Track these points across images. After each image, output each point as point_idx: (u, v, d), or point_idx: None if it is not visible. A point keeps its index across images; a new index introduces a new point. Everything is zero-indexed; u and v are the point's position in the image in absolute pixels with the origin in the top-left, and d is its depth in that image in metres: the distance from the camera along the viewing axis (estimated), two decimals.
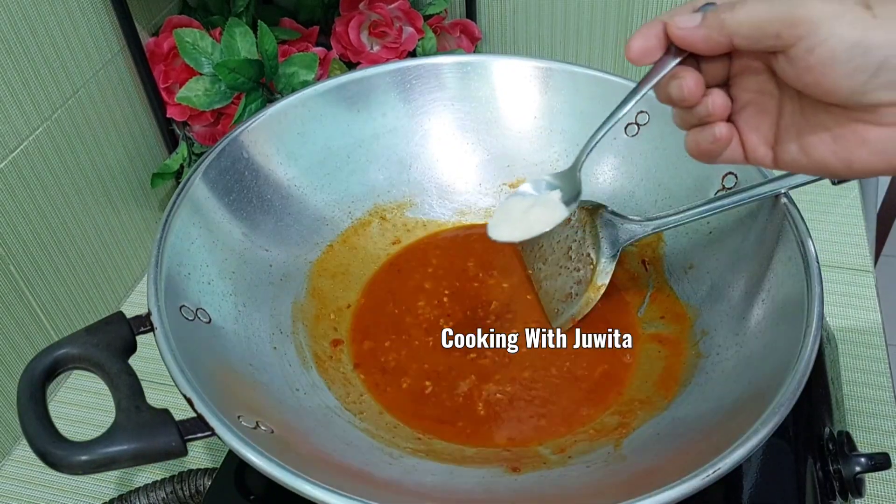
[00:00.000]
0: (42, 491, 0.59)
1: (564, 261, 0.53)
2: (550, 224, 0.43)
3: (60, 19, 0.60)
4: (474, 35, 0.84)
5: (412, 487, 0.42)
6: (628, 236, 0.51)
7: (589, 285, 0.51)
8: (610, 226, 0.52)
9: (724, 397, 0.44)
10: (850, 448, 0.45)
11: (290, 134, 0.57)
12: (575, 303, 0.52)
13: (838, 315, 0.66)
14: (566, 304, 0.52)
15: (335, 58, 0.76)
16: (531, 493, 0.42)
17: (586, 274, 0.51)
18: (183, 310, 0.44)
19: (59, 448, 0.36)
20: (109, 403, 0.38)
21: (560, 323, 0.52)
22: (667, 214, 0.51)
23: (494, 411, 0.49)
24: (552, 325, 0.53)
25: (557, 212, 0.43)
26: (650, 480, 0.36)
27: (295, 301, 0.54)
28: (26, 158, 0.58)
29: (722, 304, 0.50)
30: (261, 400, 0.44)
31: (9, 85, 0.56)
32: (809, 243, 0.45)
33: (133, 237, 0.72)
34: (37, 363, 0.39)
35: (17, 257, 0.59)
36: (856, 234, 0.73)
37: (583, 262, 0.52)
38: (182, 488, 0.52)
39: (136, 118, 0.70)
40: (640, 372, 0.51)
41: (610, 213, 0.52)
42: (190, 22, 0.70)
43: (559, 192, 0.44)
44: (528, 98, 0.60)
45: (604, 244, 0.51)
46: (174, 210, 0.48)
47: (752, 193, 0.48)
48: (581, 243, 0.52)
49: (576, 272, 0.52)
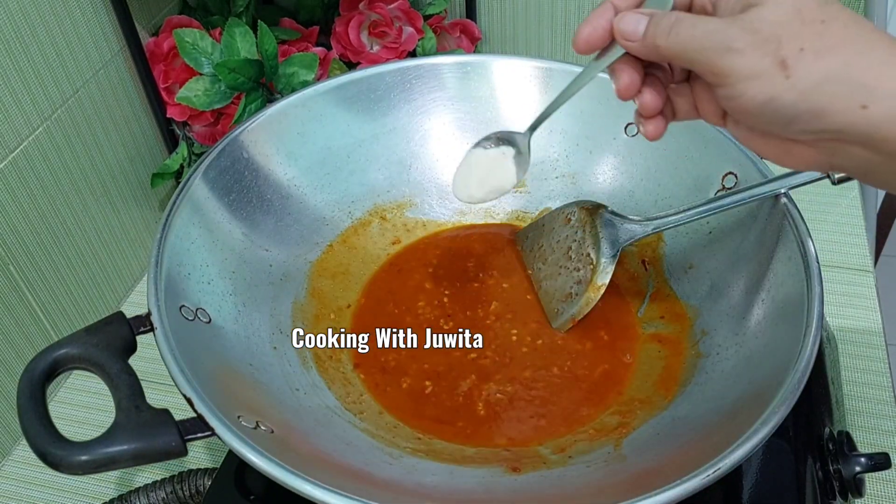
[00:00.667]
0: (42, 491, 0.59)
1: (564, 261, 0.53)
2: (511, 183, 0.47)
3: (60, 19, 0.60)
4: (474, 35, 0.84)
5: (412, 487, 0.42)
6: (628, 236, 0.51)
7: (589, 285, 0.51)
8: (610, 226, 0.52)
9: (724, 397, 0.44)
10: (850, 448, 0.45)
11: (290, 134, 0.57)
12: (575, 303, 0.52)
13: (838, 315, 0.66)
14: (566, 303, 0.52)
15: (335, 58, 0.76)
16: (531, 493, 0.42)
17: (586, 274, 0.51)
18: (183, 310, 0.44)
19: (60, 448, 0.36)
20: (109, 403, 0.38)
21: (560, 323, 0.52)
22: (667, 214, 0.51)
23: (494, 411, 0.49)
24: (552, 325, 0.53)
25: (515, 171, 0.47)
26: (650, 480, 0.36)
27: (295, 301, 0.54)
28: (26, 158, 0.58)
29: (722, 304, 0.50)
30: (261, 400, 0.44)
31: (9, 85, 0.56)
32: (809, 243, 0.45)
33: (133, 237, 0.72)
34: (37, 363, 0.39)
35: (17, 257, 0.59)
36: (856, 234, 0.73)
37: (583, 262, 0.52)
38: (182, 488, 0.52)
39: (136, 118, 0.70)
40: (639, 372, 0.51)
41: (610, 213, 0.52)
42: (190, 22, 0.70)
43: (514, 150, 0.47)
44: (528, 98, 0.60)
45: (604, 244, 0.51)
46: (174, 210, 0.48)
47: (752, 193, 0.48)
48: (581, 243, 0.52)
49: (576, 272, 0.52)
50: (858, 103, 0.28)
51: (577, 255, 0.52)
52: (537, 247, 0.56)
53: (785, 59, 0.29)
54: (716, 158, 0.53)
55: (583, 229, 0.53)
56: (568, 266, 0.53)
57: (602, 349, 0.52)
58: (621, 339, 0.53)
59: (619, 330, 0.53)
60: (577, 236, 0.53)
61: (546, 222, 0.57)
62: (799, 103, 0.29)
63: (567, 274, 0.53)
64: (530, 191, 0.61)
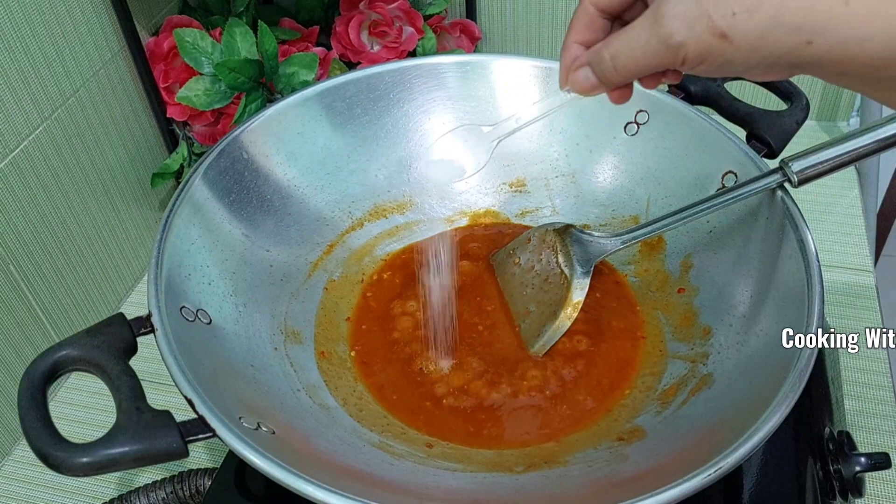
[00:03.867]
0: (42, 491, 0.59)
1: (539, 282, 0.53)
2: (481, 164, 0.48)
3: (61, 19, 0.60)
4: (474, 35, 0.84)
5: (413, 488, 0.42)
6: (600, 251, 0.51)
7: (565, 302, 0.50)
8: (580, 243, 0.52)
9: (725, 397, 0.44)
10: (850, 448, 0.45)
11: (290, 134, 0.57)
12: (552, 322, 0.50)
13: (838, 315, 0.66)
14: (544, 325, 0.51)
15: (335, 58, 0.76)
16: (533, 493, 0.42)
17: (561, 292, 0.51)
18: (183, 311, 0.44)
19: (61, 450, 0.36)
20: (110, 403, 0.38)
21: (538, 347, 0.51)
22: (636, 228, 0.51)
23: (496, 412, 0.49)
24: (529, 350, 0.51)
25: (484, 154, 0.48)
26: (651, 480, 0.36)
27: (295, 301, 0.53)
28: (26, 158, 0.58)
29: (722, 304, 0.50)
30: (262, 401, 0.44)
31: (9, 84, 0.56)
32: (810, 242, 0.45)
33: (133, 237, 0.72)
34: (37, 365, 0.39)
35: (17, 257, 0.59)
36: (856, 234, 0.73)
37: (557, 281, 0.51)
38: (182, 488, 0.53)
39: (136, 118, 0.70)
40: (641, 371, 0.51)
41: (579, 231, 0.52)
42: (190, 22, 0.70)
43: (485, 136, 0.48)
44: (528, 98, 0.60)
45: (576, 261, 0.51)
46: (174, 210, 0.48)
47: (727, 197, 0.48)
48: (553, 263, 0.52)
49: (551, 292, 0.51)
50: (803, 41, 0.30)
51: (552, 275, 0.52)
52: (509, 274, 0.56)
53: (722, 31, 0.31)
54: (716, 157, 0.53)
55: (553, 249, 0.52)
56: (543, 287, 0.52)
57: (603, 350, 0.52)
58: (622, 339, 0.53)
59: (619, 330, 0.53)
60: (549, 257, 0.52)
61: (516, 246, 0.56)
62: (750, 58, 0.32)
63: (542, 295, 0.52)
64: (530, 191, 0.61)
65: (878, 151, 0.45)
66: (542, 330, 0.51)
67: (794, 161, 0.46)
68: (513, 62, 0.60)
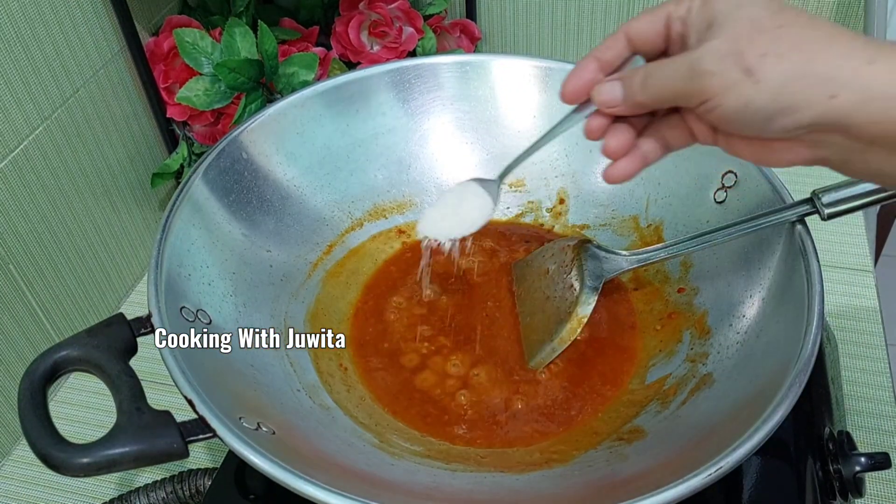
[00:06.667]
0: (42, 491, 0.59)
1: (550, 291, 0.52)
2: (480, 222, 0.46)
3: (61, 19, 0.60)
4: (474, 35, 0.84)
5: (413, 488, 0.42)
6: (614, 268, 0.51)
7: (570, 316, 0.50)
8: (595, 258, 0.52)
9: (725, 397, 0.44)
10: (850, 448, 0.45)
11: (289, 134, 0.57)
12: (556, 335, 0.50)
13: (838, 315, 0.66)
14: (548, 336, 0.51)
15: (335, 58, 0.76)
16: (533, 493, 0.42)
17: (569, 306, 0.50)
18: (183, 311, 0.44)
19: (61, 451, 0.36)
20: (110, 403, 0.38)
21: (538, 360, 0.51)
22: (654, 250, 0.51)
23: (496, 413, 0.49)
24: (529, 364, 0.51)
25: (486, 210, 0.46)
26: (651, 480, 0.36)
27: (296, 301, 0.53)
28: (26, 158, 0.58)
29: (722, 304, 0.50)
30: (262, 401, 0.44)
31: (9, 84, 0.56)
32: (809, 242, 0.45)
33: (133, 237, 0.72)
34: (37, 365, 0.39)
35: (17, 257, 0.59)
36: (856, 234, 0.73)
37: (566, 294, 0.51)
38: (182, 488, 0.53)
39: (136, 118, 0.70)
40: (641, 371, 0.51)
41: (595, 247, 0.52)
42: (190, 22, 0.70)
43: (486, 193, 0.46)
44: (528, 97, 0.60)
45: (587, 276, 0.50)
46: (174, 211, 0.48)
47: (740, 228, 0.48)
48: (566, 275, 0.52)
49: (559, 304, 0.51)
50: (826, 94, 0.31)
51: (561, 288, 0.52)
52: (525, 280, 0.56)
53: (750, 67, 0.32)
54: (716, 157, 0.53)
55: (568, 263, 0.52)
56: (553, 297, 0.52)
57: (604, 350, 0.52)
58: (622, 338, 0.53)
59: (619, 330, 0.53)
60: (563, 270, 0.52)
61: (535, 256, 0.56)
62: (771, 103, 0.32)
63: (551, 306, 0.52)
64: (530, 190, 0.61)
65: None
66: (542, 346, 0.51)
67: (825, 194, 0.45)
68: (513, 62, 0.60)
